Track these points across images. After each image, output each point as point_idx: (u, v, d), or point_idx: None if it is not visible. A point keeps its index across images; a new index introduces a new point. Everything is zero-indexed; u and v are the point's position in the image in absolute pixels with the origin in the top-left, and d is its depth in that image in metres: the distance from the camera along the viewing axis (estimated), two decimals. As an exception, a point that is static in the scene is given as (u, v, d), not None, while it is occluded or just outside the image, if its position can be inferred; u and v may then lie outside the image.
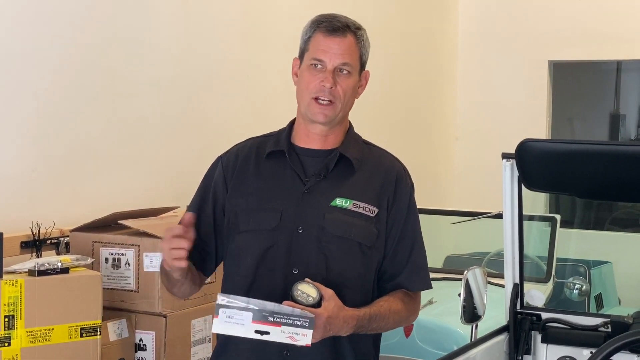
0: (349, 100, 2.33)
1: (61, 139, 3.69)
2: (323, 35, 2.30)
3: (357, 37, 2.32)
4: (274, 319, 2.09)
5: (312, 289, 2.15)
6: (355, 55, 2.31)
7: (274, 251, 2.30)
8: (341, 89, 2.29)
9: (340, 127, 2.37)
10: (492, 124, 7.10)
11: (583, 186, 2.86)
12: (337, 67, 2.29)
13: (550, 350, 3.00)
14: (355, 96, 2.36)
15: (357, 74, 2.33)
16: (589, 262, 5.52)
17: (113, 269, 3.29)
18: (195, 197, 2.45)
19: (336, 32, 2.29)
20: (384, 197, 2.35)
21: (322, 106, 2.29)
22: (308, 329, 2.09)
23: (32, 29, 3.55)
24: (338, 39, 2.29)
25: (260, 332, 2.09)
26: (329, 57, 2.28)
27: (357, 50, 2.32)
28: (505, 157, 2.88)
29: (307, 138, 2.37)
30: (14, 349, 2.81)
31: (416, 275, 2.39)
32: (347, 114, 2.37)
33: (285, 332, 2.09)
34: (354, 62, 2.31)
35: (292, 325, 2.09)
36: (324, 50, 2.29)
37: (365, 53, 2.36)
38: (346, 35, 2.30)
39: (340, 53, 2.28)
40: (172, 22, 4.31)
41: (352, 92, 2.33)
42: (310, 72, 2.30)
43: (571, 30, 6.97)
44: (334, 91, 2.28)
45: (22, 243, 3.29)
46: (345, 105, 2.32)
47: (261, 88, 4.76)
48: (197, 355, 3.39)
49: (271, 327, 2.09)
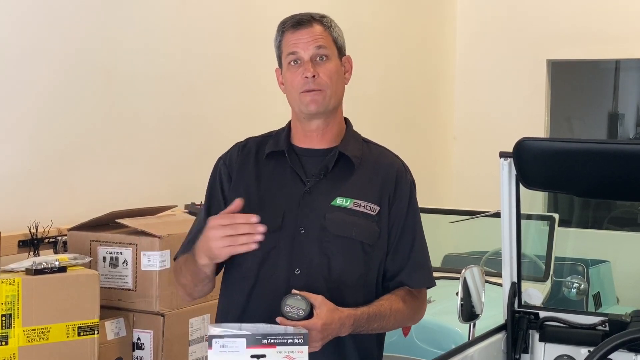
0: (337, 86, 2.32)
1: (59, 137, 3.69)
2: (290, 32, 2.32)
3: (324, 24, 2.33)
4: (267, 341, 2.07)
5: (301, 301, 2.13)
6: (327, 39, 2.32)
7: (276, 252, 2.29)
8: (324, 75, 2.29)
9: (335, 121, 2.37)
10: (490, 124, 7.10)
11: (581, 185, 2.85)
12: (313, 55, 2.29)
13: (548, 349, 3.00)
14: (343, 82, 2.36)
15: (336, 58, 2.33)
16: (587, 261, 5.52)
17: (111, 268, 3.29)
18: (204, 202, 2.44)
19: (302, 24, 2.31)
20: (385, 195, 2.34)
21: (311, 93, 2.29)
22: (303, 345, 2.08)
23: (29, 28, 3.55)
24: (305, 30, 2.30)
25: (257, 356, 2.07)
26: (301, 47, 2.29)
27: (327, 34, 2.32)
28: (503, 155, 2.88)
29: (305, 138, 2.37)
30: (12, 347, 2.81)
31: (417, 271, 2.38)
32: (339, 102, 2.36)
33: (281, 353, 2.07)
34: (329, 45, 2.31)
35: (287, 345, 2.07)
36: (295, 43, 2.30)
37: (339, 37, 2.36)
38: (312, 24, 2.31)
39: (311, 40, 2.29)
40: (170, 21, 4.31)
41: (338, 77, 2.33)
42: (291, 72, 2.31)
43: (569, 30, 6.97)
44: (318, 80, 2.28)
45: (19, 242, 3.29)
46: (335, 90, 2.31)
47: (259, 87, 4.76)
48: (194, 354, 3.39)
49: (266, 349, 2.07)
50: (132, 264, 3.26)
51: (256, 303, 2.30)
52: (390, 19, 6.41)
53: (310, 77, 2.27)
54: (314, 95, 2.28)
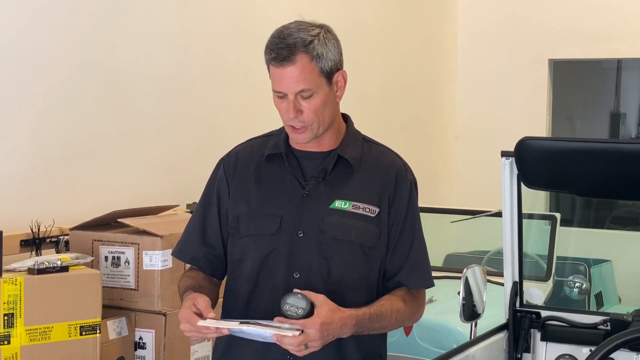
0: (326, 114, 2.29)
1: (61, 137, 3.69)
2: (274, 67, 2.25)
3: (309, 53, 2.23)
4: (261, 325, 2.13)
5: (301, 300, 2.14)
6: (312, 75, 2.23)
7: (274, 256, 2.30)
8: (309, 111, 2.25)
9: (331, 132, 2.35)
10: (492, 123, 7.10)
11: (582, 184, 2.85)
12: (297, 93, 2.24)
13: (550, 348, 3.00)
14: (333, 104, 2.31)
15: (323, 87, 2.26)
16: (589, 261, 5.52)
17: (113, 268, 3.29)
18: (200, 201, 2.46)
19: (284, 61, 2.22)
20: (384, 196, 2.34)
21: (297, 130, 2.28)
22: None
23: (31, 27, 3.55)
24: (288, 68, 2.22)
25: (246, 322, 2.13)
26: (285, 87, 2.24)
27: (312, 67, 2.23)
28: (504, 155, 2.87)
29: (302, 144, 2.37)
30: (14, 347, 2.81)
31: (415, 272, 2.37)
32: (331, 122, 2.33)
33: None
34: (312, 83, 2.24)
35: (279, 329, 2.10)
36: (279, 81, 2.25)
37: (328, 62, 2.26)
38: (295, 60, 2.22)
39: (294, 82, 2.23)
40: (171, 20, 4.31)
41: (326, 107, 2.28)
42: (277, 101, 2.29)
43: (571, 29, 6.96)
44: (303, 117, 2.25)
45: (21, 241, 3.30)
46: (323, 119, 2.28)
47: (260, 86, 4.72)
48: (196, 354, 3.39)
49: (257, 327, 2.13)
50: (134, 264, 3.26)
51: (256, 306, 2.31)
52: (392, 19, 6.40)
53: (293, 118, 2.25)
54: (300, 132, 2.28)
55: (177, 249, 2.48)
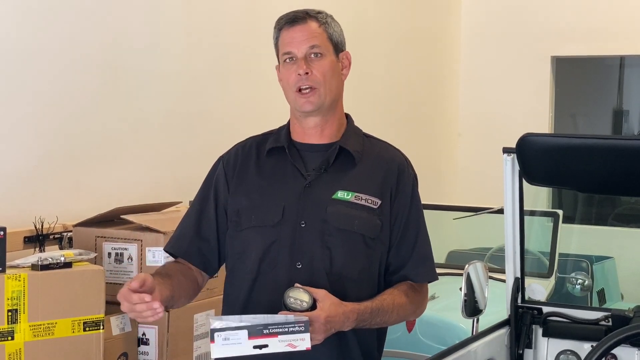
0: (333, 82, 2.32)
1: (64, 134, 3.70)
2: (285, 29, 2.32)
3: (319, 20, 2.33)
4: (269, 331, 2.09)
5: (304, 293, 2.15)
6: (322, 37, 2.31)
7: (277, 246, 2.30)
8: (318, 72, 2.29)
9: (334, 117, 2.37)
10: (495, 120, 7.09)
11: (584, 180, 2.85)
12: (307, 53, 2.30)
13: (551, 344, 3.00)
14: (339, 78, 2.36)
15: (331, 54, 2.33)
16: (591, 258, 5.51)
17: (116, 264, 3.30)
18: (196, 196, 2.47)
19: (296, 22, 2.31)
20: (386, 189, 2.35)
21: (305, 95, 2.30)
22: (304, 332, 2.09)
23: (34, 25, 3.56)
24: (299, 27, 2.31)
25: (259, 346, 2.09)
26: (295, 46, 2.30)
27: (322, 31, 2.32)
28: (506, 151, 2.88)
29: (304, 135, 2.38)
30: (17, 342, 2.82)
31: (421, 266, 2.38)
32: (336, 98, 2.35)
33: (283, 341, 2.09)
34: (323, 43, 2.31)
35: (288, 333, 2.09)
36: (289, 42, 2.31)
37: (335, 33, 2.35)
38: (307, 21, 2.31)
39: (305, 39, 2.30)
40: (174, 17, 4.31)
41: (333, 74, 2.32)
42: (286, 69, 2.32)
43: (574, 26, 6.95)
44: (312, 77, 2.29)
45: (25, 238, 3.31)
46: (330, 87, 2.31)
47: (264, 84, 4.76)
48: (199, 350, 3.40)
49: (268, 339, 2.09)
50: (137, 260, 3.27)
51: (258, 296, 2.31)
52: (395, 17, 6.41)
53: (303, 74, 2.28)
54: (308, 96, 2.29)
55: (170, 244, 2.48)
